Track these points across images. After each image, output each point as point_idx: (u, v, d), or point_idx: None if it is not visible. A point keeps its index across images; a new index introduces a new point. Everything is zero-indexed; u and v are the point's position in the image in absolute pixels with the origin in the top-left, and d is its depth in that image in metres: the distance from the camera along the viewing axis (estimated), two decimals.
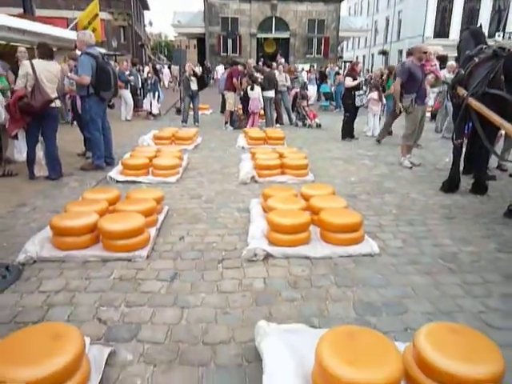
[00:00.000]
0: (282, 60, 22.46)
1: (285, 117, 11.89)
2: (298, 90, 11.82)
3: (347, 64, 37.81)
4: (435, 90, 9.51)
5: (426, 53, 6.36)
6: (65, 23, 17.21)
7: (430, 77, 6.64)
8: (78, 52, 6.28)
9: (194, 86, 10.54)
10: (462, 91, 4.68)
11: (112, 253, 3.22)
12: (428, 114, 12.84)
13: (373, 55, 44.67)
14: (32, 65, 5.11)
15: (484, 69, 4.38)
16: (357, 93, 9.22)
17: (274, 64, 13.44)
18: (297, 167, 5.72)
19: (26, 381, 1.58)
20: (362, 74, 19.78)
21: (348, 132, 9.26)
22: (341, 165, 6.82)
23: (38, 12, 21.44)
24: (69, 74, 6.24)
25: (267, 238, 3.44)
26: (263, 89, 10.21)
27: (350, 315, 2.54)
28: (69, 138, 7.79)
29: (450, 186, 5.27)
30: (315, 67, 27.36)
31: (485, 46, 4.75)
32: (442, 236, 3.83)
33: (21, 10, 13.71)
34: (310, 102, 12.57)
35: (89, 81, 5.64)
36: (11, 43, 10.85)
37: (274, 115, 11.16)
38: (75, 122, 7.88)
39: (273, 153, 6.26)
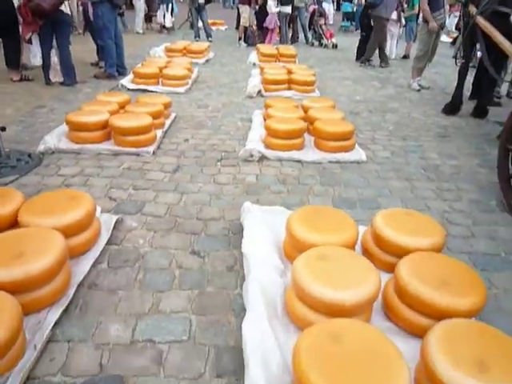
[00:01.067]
0: None
1: (301, 35, 11.60)
2: (316, 7, 11.34)
3: None
4: (457, 13, 9.11)
5: None
6: None
7: None
8: None
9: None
10: (472, 9, 4.60)
11: (122, 147, 3.56)
12: (449, 40, 12.39)
13: None
14: None
15: None
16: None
17: None
18: (304, 83, 5.82)
19: (51, 226, 1.98)
20: None
21: (363, 53, 9.05)
22: (349, 85, 6.86)
23: None
24: None
25: (264, 143, 3.72)
26: (279, 4, 9.89)
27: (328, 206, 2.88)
28: (82, 48, 7.88)
29: (452, 107, 5.36)
30: None
31: None
32: (431, 151, 4.05)
33: None
34: (328, 22, 12.15)
35: None
36: None
37: (290, 33, 10.89)
38: (87, 33, 7.90)
39: (281, 68, 6.32)
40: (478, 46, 5.17)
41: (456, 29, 11.48)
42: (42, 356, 1.62)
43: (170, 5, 12.00)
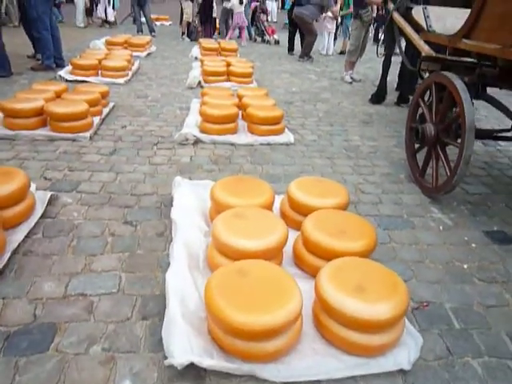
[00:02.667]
0: None
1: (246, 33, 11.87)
2: (258, 3, 11.66)
3: None
4: None
5: None
6: None
7: None
8: None
9: None
10: (390, 5, 5.05)
11: (58, 133, 3.63)
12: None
13: None
14: None
15: None
16: (296, 8, 9.42)
17: None
18: (242, 75, 6.08)
19: None
20: None
21: (292, 46, 9.63)
22: (287, 77, 7.20)
23: None
24: None
25: (199, 128, 3.93)
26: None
27: None
28: (18, 41, 7.65)
29: (377, 97, 5.84)
30: None
31: None
32: (354, 134, 4.45)
33: None
34: (272, 19, 12.52)
35: None
36: None
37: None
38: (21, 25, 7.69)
39: (221, 61, 6.54)
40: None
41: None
42: None
43: None
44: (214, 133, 3.84)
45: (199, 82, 5.94)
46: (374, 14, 7.11)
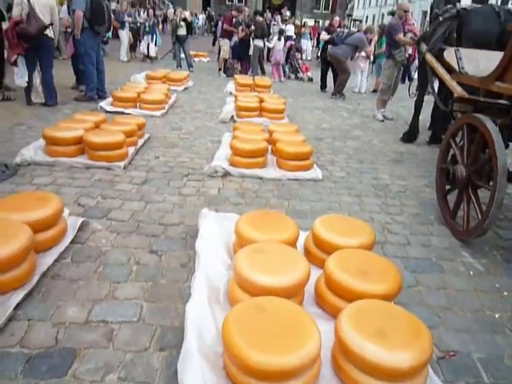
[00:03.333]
0: (288, 13, 22.24)
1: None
2: (294, 42, 12.01)
3: (356, 22, 37.26)
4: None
5: (406, 11, 6.69)
6: None
7: (409, 35, 6.98)
8: None
9: (182, 31, 10.79)
10: (423, 47, 5.10)
11: (94, 162, 3.80)
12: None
13: (383, 15, 43.61)
14: None
15: (444, 27, 4.78)
16: (329, 46, 9.66)
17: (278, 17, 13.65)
18: (274, 111, 6.21)
19: (20, 221, 2.19)
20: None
21: (325, 83, 9.86)
22: (318, 114, 7.29)
23: None
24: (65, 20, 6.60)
25: (229, 161, 4.01)
26: (254, 38, 10.53)
27: None
28: (64, 74, 8.11)
29: (409, 136, 5.80)
30: (320, 23, 27.08)
31: (450, 6, 5.11)
32: (383, 173, 4.41)
33: None
34: (306, 57, 12.84)
35: (81, 16, 6.00)
36: None
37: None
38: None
39: (254, 97, 6.72)
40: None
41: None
42: (2, 332, 1.80)
43: (154, 36, 12.54)
44: (242, 166, 3.91)
45: (232, 117, 6.10)
46: (407, 54, 7.17)
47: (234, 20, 11.35)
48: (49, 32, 5.80)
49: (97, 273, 2.27)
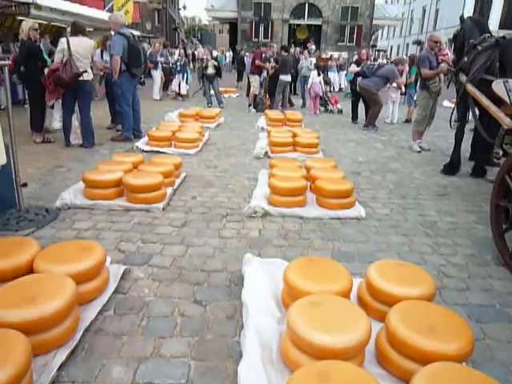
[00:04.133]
0: (313, 46, 22.59)
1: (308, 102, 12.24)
2: (322, 75, 12.06)
3: (381, 53, 37.53)
4: None
5: (437, 42, 6.60)
6: (101, 5, 17.88)
7: (443, 65, 6.87)
8: (112, 32, 6.83)
9: (210, 70, 11.02)
10: (462, 77, 4.96)
11: (133, 204, 3.78)
12: (451, 105, 12.96)
13: (407, 45, 43.83)
14: (68, 41, 5.71)
15: (484, 56, 4.64)
16: (358, 79, 9.65)
17: (299, 50, 13.83)
18: (308, 145, 6.14)
19: (64, 273, 2.13)
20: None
21: (356, 115, 9.80)
22: (352, 146, 7.17)
23: None
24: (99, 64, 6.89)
25: (267, 200, 3.91)
26: (279, 72, 10.65)
27: None
28: (100, 114, 8.36)
29: (450, 168, 5.57)
30: (346, 55, 27.33)
31: (488, 35, 4.99)
32: (429, 208, 4.20)
33: None
34: (334, 89, 12.86)
35: (119, 60, 6.21)
36: (52, 23, 11.63)
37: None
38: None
39: (287, 132, 6.69)
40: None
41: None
42: None
43: (185, 74, 12.90)
44: (282, 205, 3.80)
45: (266, 153, 6.06)
46: (442, 85, 7.02)
47: (262, 56, 11.59)
48: (86, 76, 5.99)
49: (140, 327, 2.16)
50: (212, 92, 11.64)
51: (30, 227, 3.34)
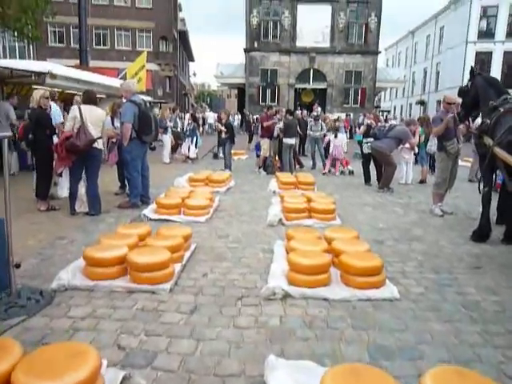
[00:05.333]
0: (319, 109, 23.08)
1: (318, 163, 12.14)
2: (331, 137, 12.03)
3: (385, 113, 38.35)
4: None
5: (451, 104, 6.47)
6: (115, 73, 18.63)
7: (462, 126, 6.70)
8: (124, 100, 6.81)
9: (223, 134, 11.08)
10: (488, 141, 4.71)
11: (137, 285, 3.38)
12: (465, 164, 12.79)
13: (410, 105, 44.93)
14: (80, 109, 5.63)
15: (510, 118, 4.42)
16: (364, 140, 9.55)
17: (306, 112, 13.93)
18: (324, 211, 5.80)
19: None
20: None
21: (369, 176, 9.61)
22: (370, 211, 6.83)
23: (93, 63, 23.48)
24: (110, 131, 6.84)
25: (287, 278, 3.50)
26: (284, 136, 10.63)
27: (363, 357, 2.53)
28: (109, 179, 8.14)
29: (480, 235, 5.16)
30: (351, 116, 27.88)
31: (510, 96, 4.81)
32: (467, 284, 3.75)
33: (78, 61, 15.12)
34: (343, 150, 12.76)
35: (130, 128, 6.11)
36: (67, 90, 11.92)
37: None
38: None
39: (301, 197, 6.40)
40: (497, 172, 5.24)
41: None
42: None
43: (195, 138, 12.97)
44: (303, 285, 3.38)
45: (280, 220, 5.72)
46: (461, 145, 6.78)
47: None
48: (97, 144, 5.85)
49: None
50: (221, 154, 11.63)
51: (20, 315, 2.94)
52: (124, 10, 31.96)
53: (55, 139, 6.30)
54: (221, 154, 14.20)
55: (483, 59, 32.01)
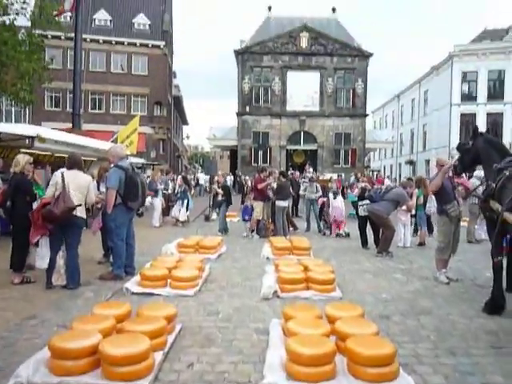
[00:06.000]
0: (311, 170, 23.24)
1: (313, 224, 11.83)
2: (326, 199, 11.83)
3: (375, 173, 38.79)
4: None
5: (443, 166, 6.31)
6: (109, 136, 18.71)
7: (460, 188, 6.50)
8: (111, 165, 6.53)
9: (219, 196, 10.92)
10: (495, 205, 4.44)
11: (110, 381, 2.87)
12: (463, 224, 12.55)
13: (400, 165, 45.76)
14: (62, 175, 5.33)
15: None
16: (360, 202, 9.36)
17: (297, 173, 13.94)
18: (323, 282, 5.36)
19: None
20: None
21: (365, 239, 9.30)
22: (371, 279, 6.39)
23: (88, 126, 23.79)
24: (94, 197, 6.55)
25: (285, 369, 3.01)
26: (276, 198, 10.47)
27: None
28: (92, 246, 7.64)
29: (494, 307, 4.73)
30: (343, 176, 28.10)
31: None
32: (492, 371, 3.27)
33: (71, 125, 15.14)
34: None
35: (114, 194, 5.81)
36: (56, 154, 11.76)
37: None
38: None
39: (297, 265, 5.98)
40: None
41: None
42: None
43: (186, 200, 12.67)
44: (305, 379, 2.88)
45: (275, 292, 5.25)
46: (462, 208, 6.54)
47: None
48: (79, 211, 5.48)
49: None
50: (214, 216, 11.33)
51: None
52: (120, 77, 33.08)
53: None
54: (213, 217, 13.91)
55: (468, 120, 33.11)
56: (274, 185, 10.78)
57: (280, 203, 10.48)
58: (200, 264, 6.04)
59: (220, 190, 10.91)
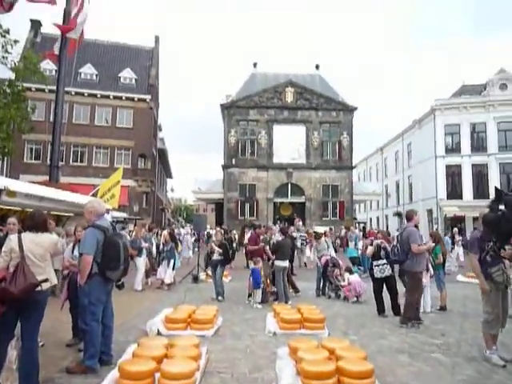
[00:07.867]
0: (300, 223, 22.21)
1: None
2: (329, 257, 10.69)
3: (361, 225, 37.89)
4: None
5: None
6: (90, 189, 17.50)
7: (508, 248, 5.52)
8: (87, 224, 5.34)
9: (215, 255, 9.77)
10: None
11: None
12: (467, 279, 11.51)
13: (386, 216, 45.27)
14: (19, 239, 4.12)
15: None
16: (374, 262, 8.27)
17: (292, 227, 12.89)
18: (358, 375, 4.12)
19: None
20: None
21: (382, 306, 8.09)
22: (408, 362, 5.16)
23: (68, 179, 22.53)
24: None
25: None
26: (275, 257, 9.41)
27: None
28: (60, 321, 6.22)
29: None
30: (333, 229, 27.11)
31: None
32: None
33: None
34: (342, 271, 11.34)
35: (90, 261, 4.61)
36: (27, 209, 10.43)
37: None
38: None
39: (320, 349, 4.74)
40: None
41: None
42: None
43: (172, 260, 11.35)
44: None
45: None
46: (510, 272, 5.50)
47: (260, 238, 10.39)
48: (43, 285, 4.20)
49: None
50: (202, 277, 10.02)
51: None
52: (104, 129, 32.30)
53: None
54: (201, 277, 12.59)
55: (454, 171, 33.21)
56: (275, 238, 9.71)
57: (279, 263, 9.33)
58: (195, 350, 4.71)
59: (218, 248, 9.72)
